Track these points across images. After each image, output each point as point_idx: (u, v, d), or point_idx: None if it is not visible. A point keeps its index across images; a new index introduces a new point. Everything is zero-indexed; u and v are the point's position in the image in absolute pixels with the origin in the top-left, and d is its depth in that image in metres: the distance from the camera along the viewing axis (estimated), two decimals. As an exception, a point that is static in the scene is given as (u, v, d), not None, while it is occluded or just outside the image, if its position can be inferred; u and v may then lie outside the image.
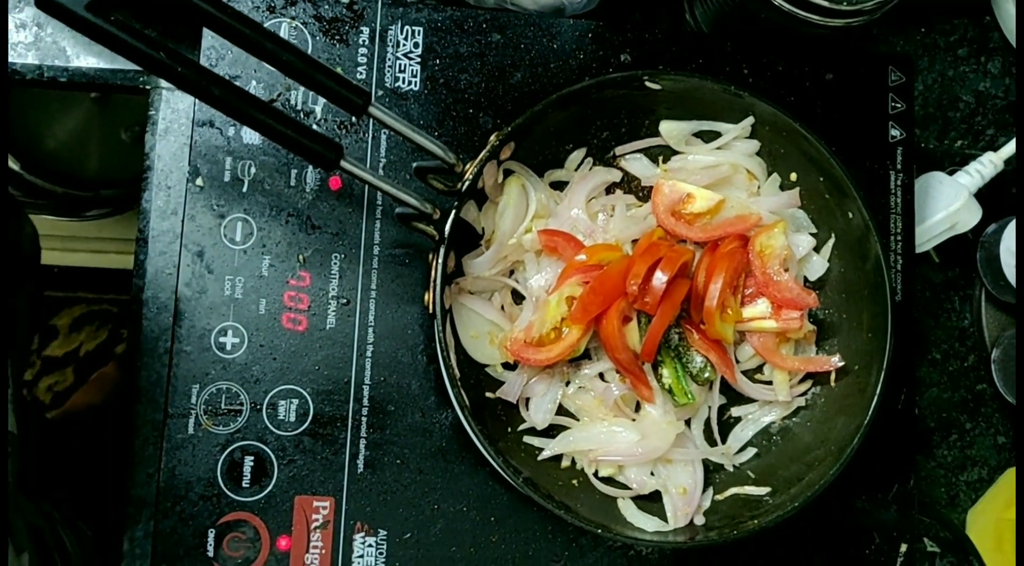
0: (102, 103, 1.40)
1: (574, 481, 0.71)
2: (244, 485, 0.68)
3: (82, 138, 1.41)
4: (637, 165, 0.75)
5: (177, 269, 0.70)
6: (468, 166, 0.67)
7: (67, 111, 1.41)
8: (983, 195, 0.83)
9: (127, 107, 1.42)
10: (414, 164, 0.69)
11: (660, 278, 0.67)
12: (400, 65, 0.74)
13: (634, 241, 0.73)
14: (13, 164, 1.29)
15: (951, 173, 0.84)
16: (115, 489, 0.71)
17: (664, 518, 0.70)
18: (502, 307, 0.72)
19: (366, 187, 0.72)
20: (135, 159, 1.45)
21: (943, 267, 0.87)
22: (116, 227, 1.50)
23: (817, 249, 0.75)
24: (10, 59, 0.76)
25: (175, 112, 0.74)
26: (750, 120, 0.73)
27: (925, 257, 0.86)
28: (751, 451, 0.74)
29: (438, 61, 0.74)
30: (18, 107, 1.34)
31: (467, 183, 0.66)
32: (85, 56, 0.76)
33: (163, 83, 0.74)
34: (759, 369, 0.76)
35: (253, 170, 0.71)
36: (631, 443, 0.70)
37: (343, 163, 0.62)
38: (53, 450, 1.12)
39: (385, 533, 0.69)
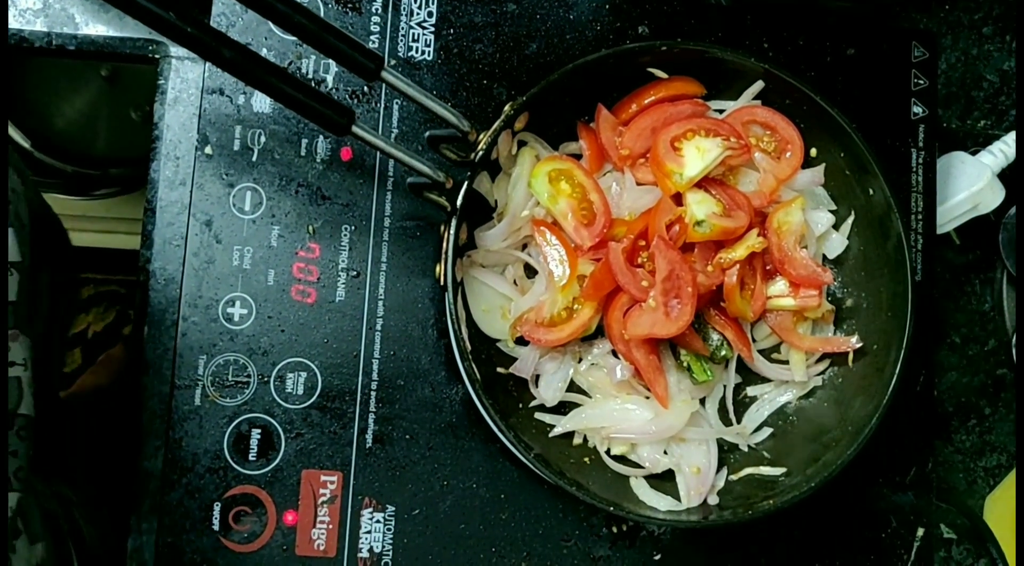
0: (112, 81, 1.39)
1: (586, 459, 0.70)
2: (251, 458, 0.67)
3: (92, 117, 1.40)
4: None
5: (185, 239, 0.69)
6: (482, 136, 0.65)
7: (77, 90, 1.40)
8: (1006, 176, 0.81)
9: (136, 85, 1.41)
10: (427, 133, 0.68)
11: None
12: (414, 34, 0.73)
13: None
14: (23, 142, 1.28)
15: (974, 153, 0.82)
16: (123, 467, 0.71)
17: (677, 497, 0.69)
18: (514, 281, 0.71)
19: (377, 158, 0.71)
20: (144, 138, 1.44)
21: (964, 249, 0.85)
22: (124, 206, 1.49)
23: (836, 227, 0.74)
24: (18, 26, 0.75)
25: (184, 82, 0.73)
26: (760, 84, 0.72)
27: (946, 238, 0.84)
28: (767, 431, 0.73)
29: (452, 31, 0.73)
30: (28, 86, 1.34)
31: (481, 153, 0.65)
32: (94, 24, 0.75)
33: (172, 52, 0.73)
34: (776, 349, 0.75)
35: (263, 139, 0.70)
36: (645, 421, 0.69)
37: (355, 128, 0.60)
38: (60, 431, 1.12)
39: (393, 509, 0.68)
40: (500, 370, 0.70)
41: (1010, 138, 0.81)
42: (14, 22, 0.75)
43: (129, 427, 0.71)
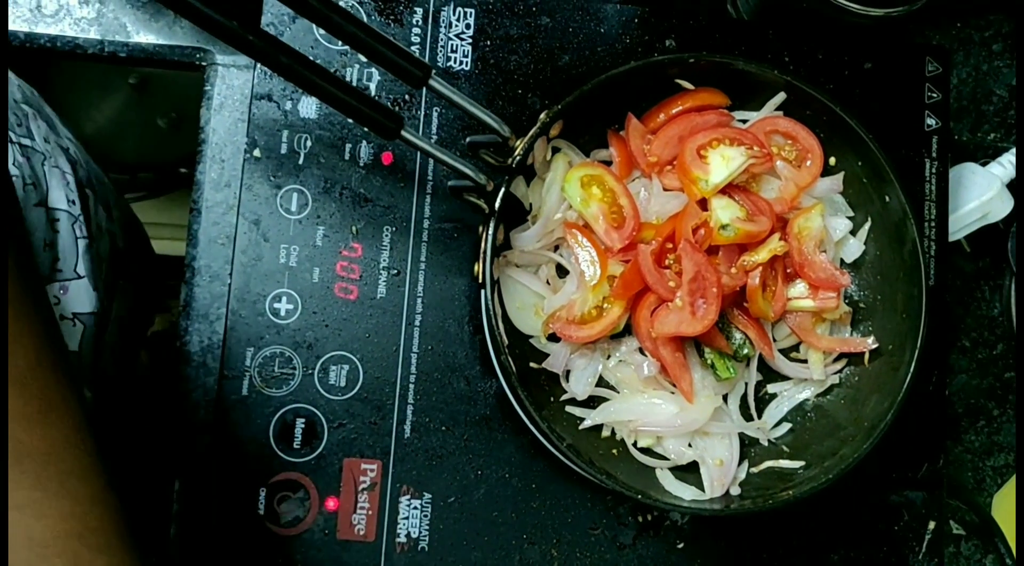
0: (140, 89, 1.43)
1: (614, 451, 0.73)
2: (295, 446, 0.71)
3: (120, 124, 1.44)
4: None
5: (234, 237, 0.72)
6: (519, 142, 0.69)
7: (106, 97, 1.44)
8: (1015, 187, 0.85)
9: (165, 94, 1.45)
10: (467, 138, 0.71)
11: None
12: (452, 45, 0.76)
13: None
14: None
15: (984, 165, 0.85)
16: (167, 456, 0.73)
17: (701, 488, 0.72)
18: (547, 281, 0.74)
19: (417, 163, 0.74)
20: (172, 145, 1.48)
21: (974, 257, 0.89)
22: (150, 211, 1.52)
23: (854, 232, 0.77)
24: (73, 34, 0.78)
25: (230, 88, 0.76)
26: (782, 95, 0.75)
27: (957, 246, 0.87)
28: (786, 426, 0.76)
29: (489, 42, 0.77)
30: (58, 93, 1.37)
31: (517, 158, 0.68)
32: (145, 33, 0.78)
33: (218, 60, 0.77)
34: (795, 348, 0.78)
35: (309, 143, 0.74)
36: (670, 415, 0.72)
37: (403, 133, 0.64)
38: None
39: (430, 496, 0.71)
40: (532, 365, 0.73)
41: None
42: (69, 30, 0.78)
43: (174, 418, 0.74)
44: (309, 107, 0.74)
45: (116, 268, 0.84)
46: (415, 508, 0.71)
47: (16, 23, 0.75)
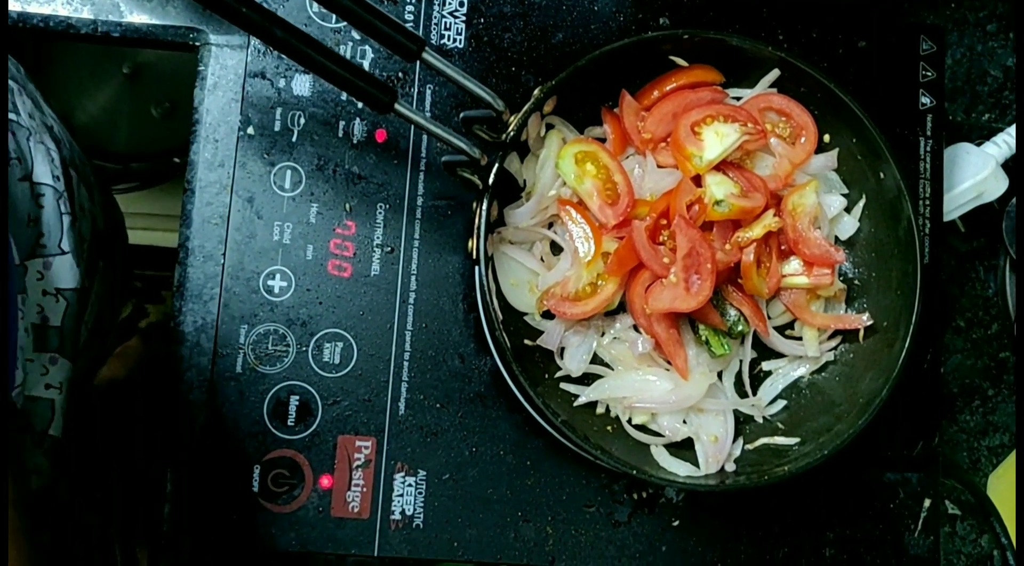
0: (133, 78, 1.43)
1: (608, 428, 0.73)
2: (290, 424, 0.70)
3: (113, 113, 1.44)
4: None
5: (228, 214, 0.72)
6: (513, 118, 0.69)
7: (99, 86, 1.43)
8: (1010, 167, 0.85)
9: (158, 82, 1.45)
10: (461, 114, 0.71)
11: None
12: (446, 23, 0.76)
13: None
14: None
15: (979, 145, 0.85)
16: (151, 445, 0.73)
17: (696, 464, 0.72)
18: (541, 258, 0.74)
19: (411, 140, 0.74)
20: (165, 134, 1.47)
21: (969, 236, 0.89)
22: (143, 202, 1.52)
23: (848, 209, 0.77)
24: (66, 14, 0.78)
25: (224, 68, 0.76)
26: (776, 72, 0.75)
27: (951, 226, 0.88)
28: (781, 403, 0.76)
29: (483, 20, 0.77)
30: (51, 82, 1.37)
31: (511, 134, 0.68)
32: (138, 12, 0.78)
33: (212, 39, 0.76)
34: (790, 325, 0.78)
35: (302, 121, 0.73)
36: (665, 391, 0.72)
37: (397, 106, 0.64)
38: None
39: (424, 473, 0.71)
40: (527, 342, 0.73)
41: (1014, 129, 0.85)
42: (62, 10, 0.78)
43: (169, 396, 0.73)
44: (303, 85, 0.74)
45: (96, 248, 0.84)
46: (409, 485, 0.71)
47: (10, 2, 0.75)
